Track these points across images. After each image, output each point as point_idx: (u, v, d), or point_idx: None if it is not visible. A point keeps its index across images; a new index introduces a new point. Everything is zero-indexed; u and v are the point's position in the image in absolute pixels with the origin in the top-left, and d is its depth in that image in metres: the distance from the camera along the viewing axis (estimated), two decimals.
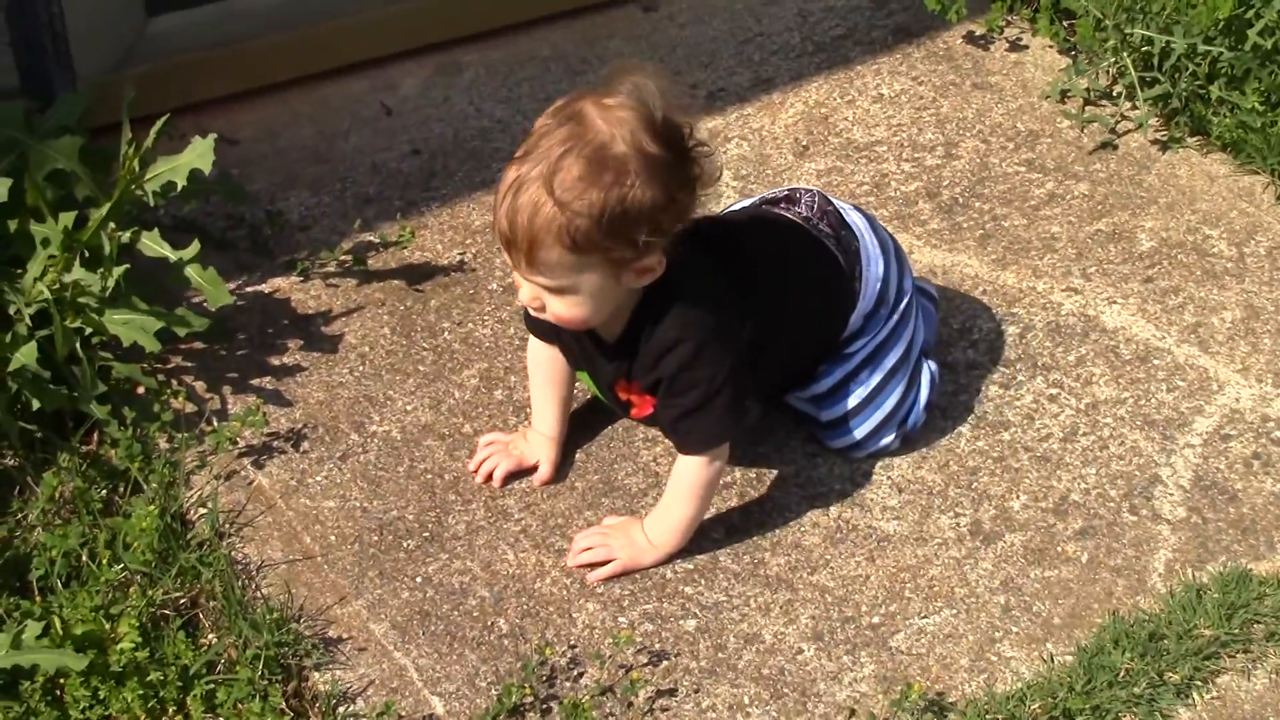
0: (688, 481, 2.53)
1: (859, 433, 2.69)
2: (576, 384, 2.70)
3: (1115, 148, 3.42)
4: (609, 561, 2.55)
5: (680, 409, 2.48)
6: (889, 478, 2.71)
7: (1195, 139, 3.43)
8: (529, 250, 2.29)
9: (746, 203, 2.83)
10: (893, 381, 2.70)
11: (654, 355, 2.45)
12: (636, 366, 2.50)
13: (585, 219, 2.26)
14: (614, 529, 2.58)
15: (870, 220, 2.73)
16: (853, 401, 2.68)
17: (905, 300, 2.71)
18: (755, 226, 2.70)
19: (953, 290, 3.04)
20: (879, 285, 2.66)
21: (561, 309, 2.37)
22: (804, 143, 3.41)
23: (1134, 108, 3.47)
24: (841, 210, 2.70)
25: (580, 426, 2.76)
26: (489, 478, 2.67)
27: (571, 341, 2.58)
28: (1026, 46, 3.70)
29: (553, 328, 2.55)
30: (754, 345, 2.49)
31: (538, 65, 3.60)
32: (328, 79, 3.52)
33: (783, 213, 2.69)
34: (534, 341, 2.67)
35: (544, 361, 2.68)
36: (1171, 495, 2.69)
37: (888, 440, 2.72)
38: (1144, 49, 3.43)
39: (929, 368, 2.77)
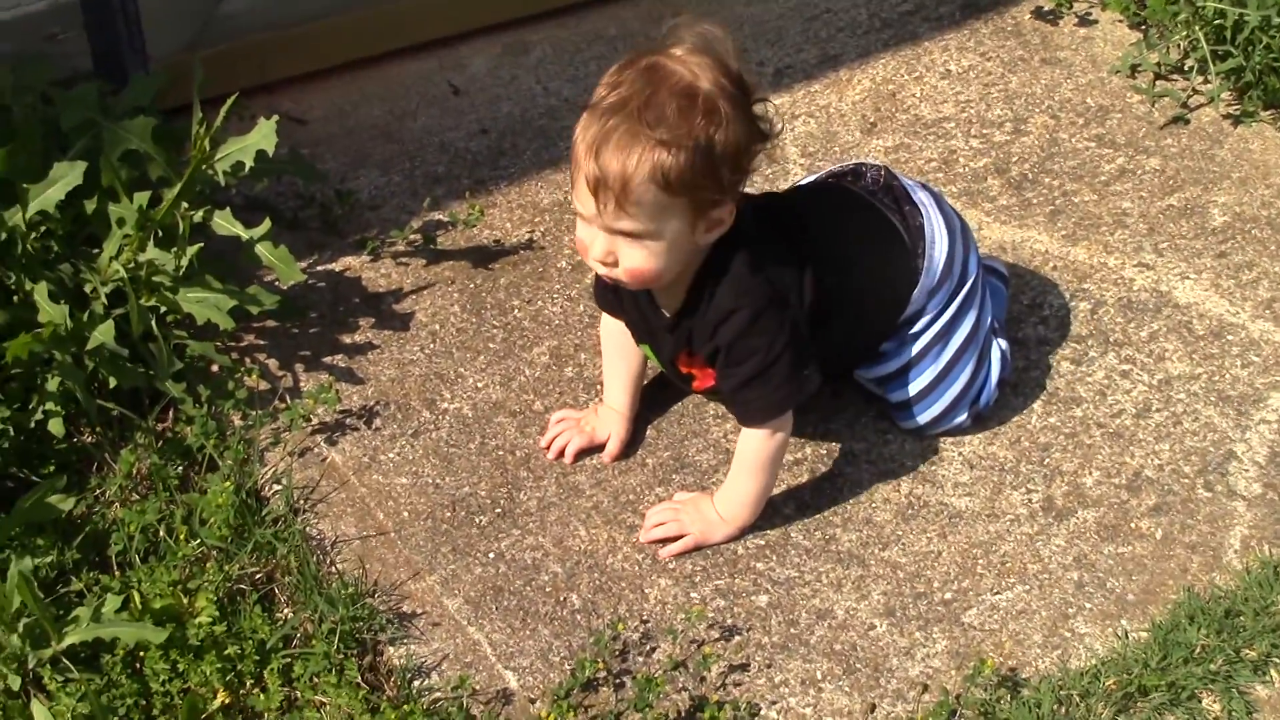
0: (752, 455, 2.53)
1: (929, 414, 2.69)
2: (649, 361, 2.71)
3: (1187, 122, 3.39)
4: (681, 537, 2.55)
5: (739, 378, 2.48)
6: (960, 454, 2.70)
7: (1269, 113, 3.40)
8: (622, 189, 2.28)
9: (812, 178, 2.82)
10: (961, 361, 2.69)
11: (712, 324, 2.46)
12: (696, 337, 2.50)
13: (682, 155, 2.27)
14: (685, 504, 2.59)
15: (937, 198, 2.71)
16: (921, 383, 2.67)
17: (971, 280, 2.69)
18: (816, 199, 2.70)
19: (1022, 266, 3.03)
20: (944, 262, 2.64)
21: (637, 260, 2.36)
22: (871, 120, 3.40)
23: (1206, 81, 3.44)
24: (908, 187, 2.69)
25: (651, 403, 2.77)
26: (560, 454, 2.68)
27: (635, 315, 2.59)
28: (1096, 21, 3.67)
29: (619, 301, 2.56)
30: (814, 317, 2.50)
31: (605, 44, 3.60)
32: (396, 59, 3.54)
33: (848, 186, 2.68)
34: (607, 316, 2.68)
35: (615, 336, 2.69)
36: (1246, 471, 2.67)
37: (960, 420, 2.71)
38: (1216, 22, 3.40)
39: (999, 345, 2.76)
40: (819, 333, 2.51)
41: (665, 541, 2.56)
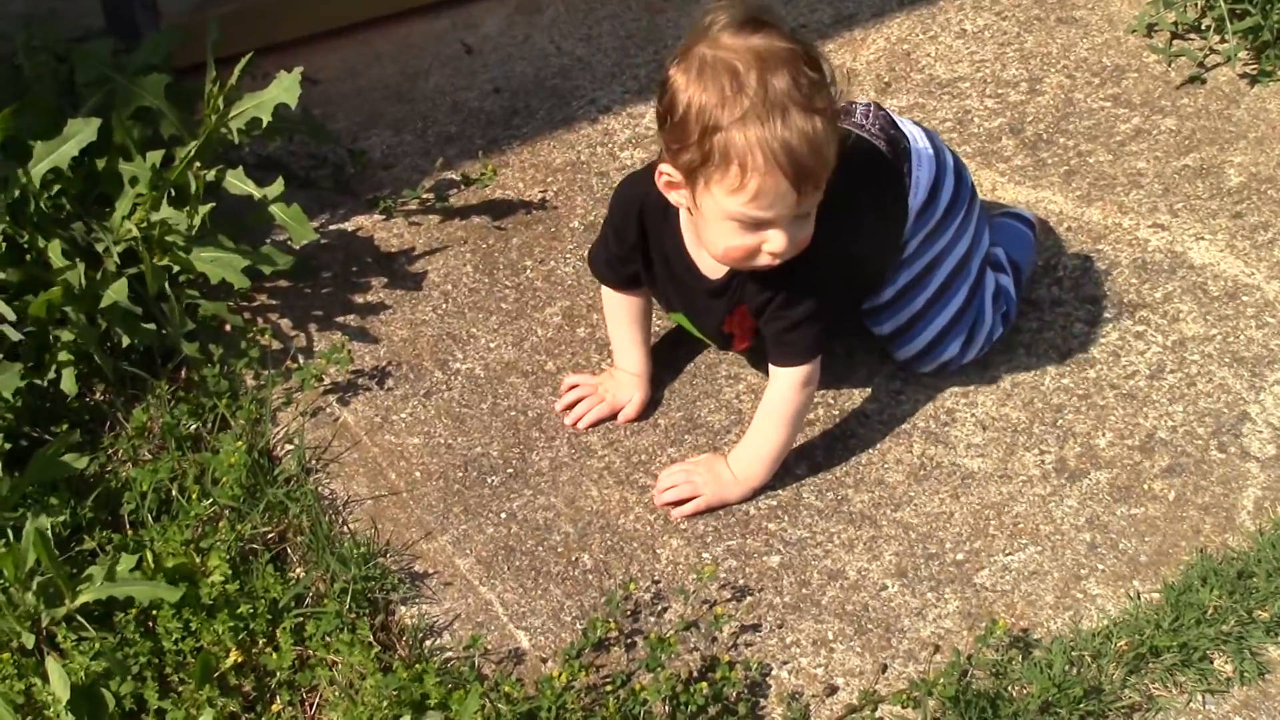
0: (781, 406, 2.53)
1: (921, 341, 2.69)
2: (656, 317, 2.71)
3: (1203, 82, 3.37)
4: (694, 498, 2.55)
5: (788, 321, 2.49)
6: (973, 415, 2.70)
7: None
8: (825, 165, 2.30)
9: None
10: (952, 288, 2.68)
11: (774, 276, 2.45)
12: (751, 291, 2.50)
13: (833, 107, 2.31)
14: (698, 465, 2.59)
15: (930, 134, 2.71)
16: (914, 308, 2.67)
17: (962, 210, 2.69)
18: None
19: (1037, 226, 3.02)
20: (929, 184, 2.64)
21: (805, 231, 2.38)
22: (886, 79, 3.38)
23: (1223, 41, 3.42)
24: (895, 117, 2.68)
25: (663, 364, 2.76)
26: (577, 421, 2.68)
27: (670, 287, 2.59)
28: None
29: (635, 278, 2.61)
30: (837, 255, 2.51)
31: (617, 3, 3.59)
32: (409, 19, 3.53)
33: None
34: (609, 291, 2.69)
35: (621, 302, 2.69)
36: (1260, 433, 2.67)
37: (952, 352, 2.70)
38: None
39: (998, 280, 2.76)
40: (839, 266, 2.53)
41: (679, 503, 2.56)
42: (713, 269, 2.52)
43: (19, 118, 2.68)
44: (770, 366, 2.55)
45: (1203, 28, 3.48)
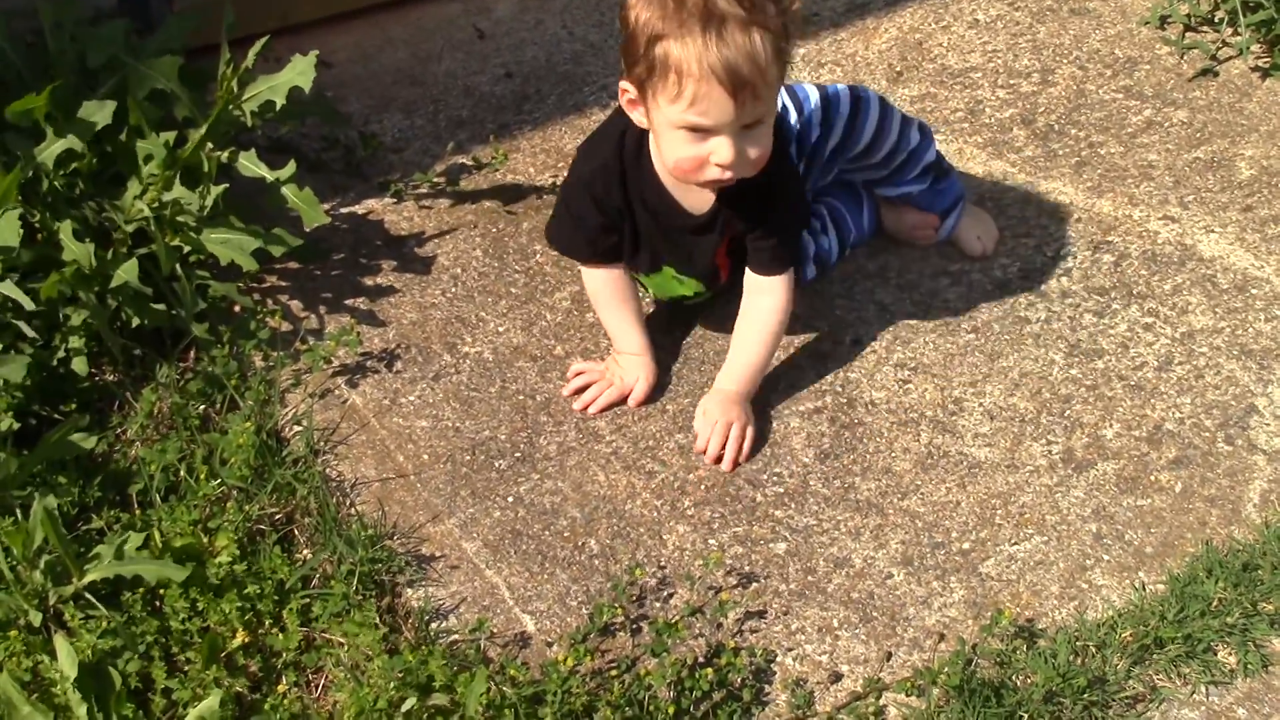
0: (771, 320, 2.66)
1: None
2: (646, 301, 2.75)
3: (1215, 74, 3.37)
4: (741, 440, 2.63)
5: (774, 231, 2.61)
6: (981, 405, 2.70)
7: None
8: (760, 76, 2.36)
9: None
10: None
11: (759, 195, 2.55)
12: (739, 217, 2.59)
13: (781, 27, 2.38)
14: (718, 409, 2.64)
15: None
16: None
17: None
18: None
19: (1047, 217, 3.02)
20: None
21: (764, 143, 2.45)
22: (898, 68, 3.38)
23: (1236, 34, 3.41)
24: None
25: (669, 351, 2.77)
26: (586, 407, 2.69)
27: (654, 241, 2.65)
28: None
29: (613, 250, 2.68)
30: None
31: None
32: (422, 2, 3.55)
33: None
34: (592, 271, 2.71)
35: (608, 284, 2.71)
36: (1268, 425, 2.66)
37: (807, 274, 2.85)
38: None
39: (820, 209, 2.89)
40: None
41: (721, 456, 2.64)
42: (696, 204, 2.60)
43: (51, 98, 2.68)
44: (757, 281, 2.65)
45: (1215, 20, 3.48)
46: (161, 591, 2.36)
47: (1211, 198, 3.07)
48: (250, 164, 2.81)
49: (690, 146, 2.43)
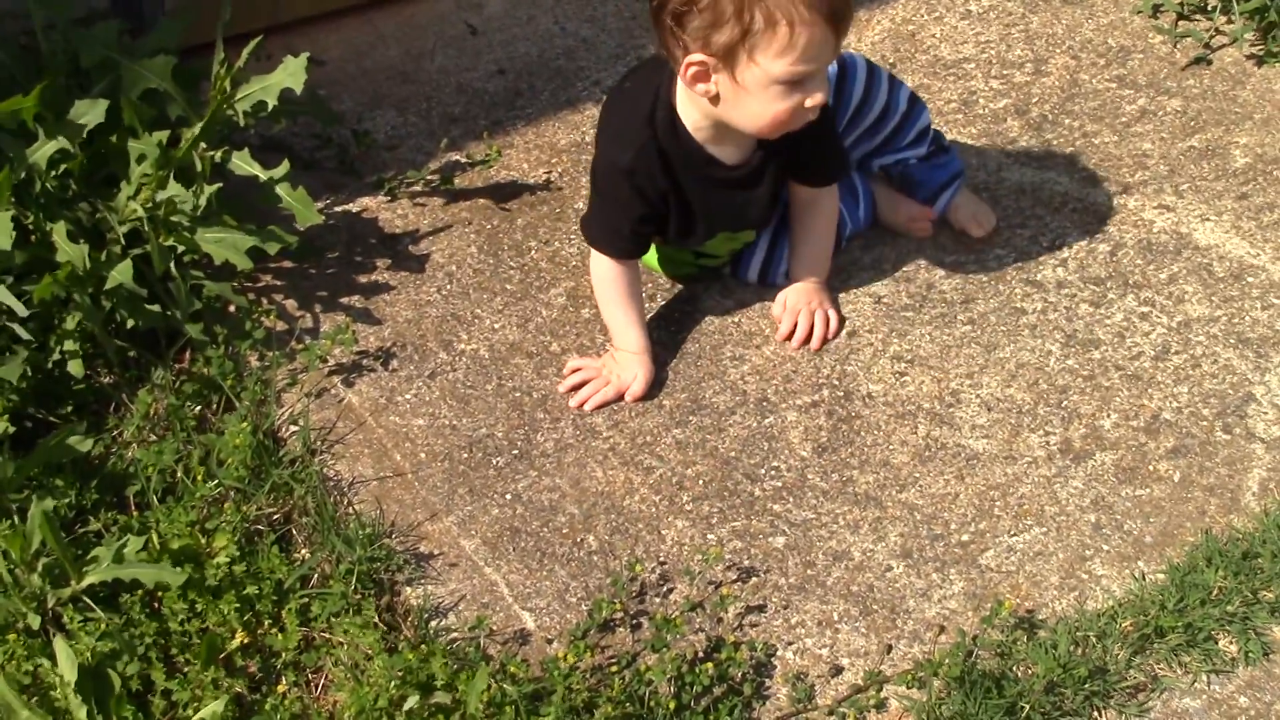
0: (829, 212, 2.81)
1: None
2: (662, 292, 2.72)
3: (1209, 63, 3.36)
4: (824, 332, 2.79)
5: (824, 152, 2.71)
6: (978, 396, 2.70)
7: None
8: (852, 8, 2.46)
9: None
10: None
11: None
12: (783, 151, 2.63)
13: None
14: (802, 296, 2.80)
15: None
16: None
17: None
18: None
19: (1042, 208, 3.02)
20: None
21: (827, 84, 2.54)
22: (891, 60, 3.37)
23: (1229, 21, 3.41)
24: None
25: (667, 346, 2.77)
26: (583, 404, 2.68)
27: (713, 204, 2.68)
28: None
29: (648, 240, 2.71)
30: None
31: None
32: None
33: None
34: (606, 264, 2.69)
35: (618, 280, 2.70)
36: (1266, 414, 2.66)
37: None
38: None
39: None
40: None
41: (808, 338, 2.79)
42: (740, 158, 2.65)
43: (40, 98, 2.67)
44: (813, 194, 2.78)
45: (1209, 8, 3.47)
46: (160, 593, 2.35)
47: (1206, 186, 3.06)
48: (244, 163, 2.80)
49: (787, 98, 2.46)
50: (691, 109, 2.57)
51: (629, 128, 2.61)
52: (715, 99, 2.50)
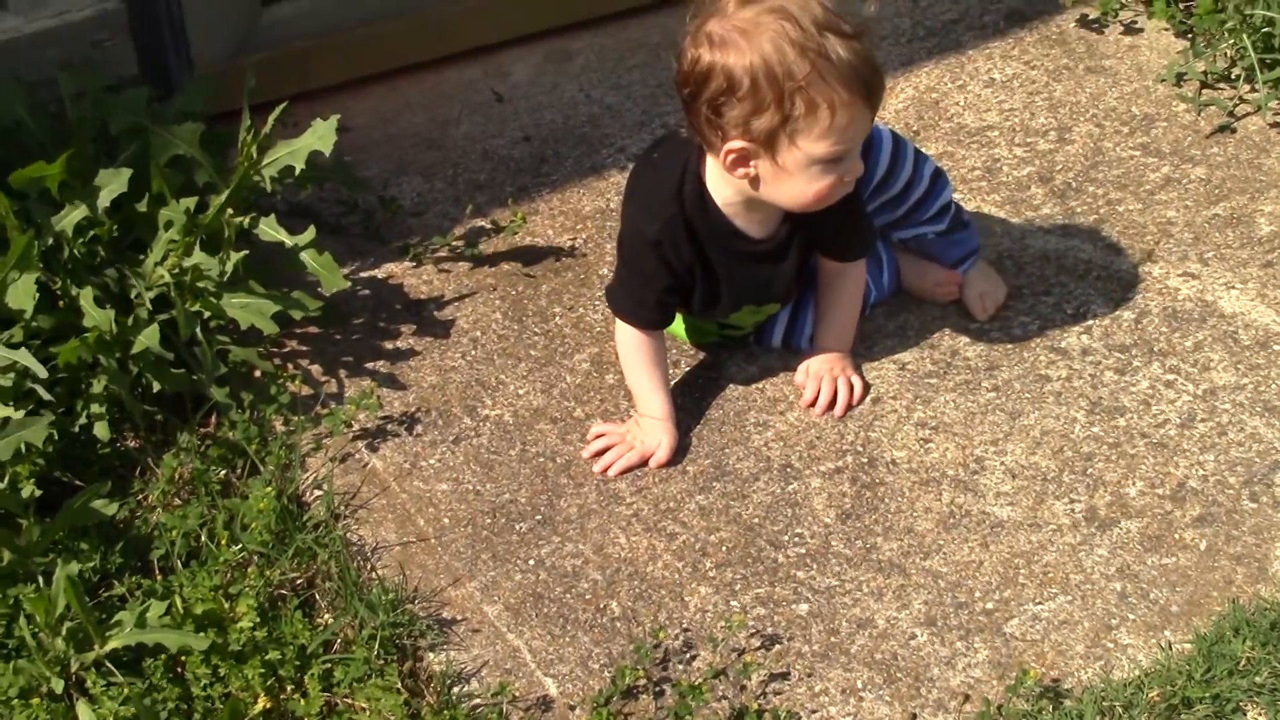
0: (855, 286, 2.82)
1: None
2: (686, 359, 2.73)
3: (1233, 131, 3.37)
4: (850, 392, 2.80)
5: (851, 227, 2.71)
6: (1002, 463, 2.69)
7: None
8: (883, 80, 2.50)
9: None
10: None
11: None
12: (810, 225, 2.64)
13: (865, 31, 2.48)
14: (825, 365, 2.81)
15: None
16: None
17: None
18: None
19: (1066, 275, 3.02)
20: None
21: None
22: (915, 128, 3.39)
23: (1253, 90, 3.42)
24: None
25: (691, 412, 2.77)
26: (606, 469, 2.68)
27: (737, 277, 2.69)
28: (1141, 29, 3.65)
29: (674, 311, 2.71)
30: None
31: (648, 52, 3.60)
32: (440, 66, 3.55)
33: None
34: (631, 333, 2.70)
35: (642, 347, 2.70)
36: None
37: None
38: (1264, 30, 3.38)
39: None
40: None
41: (832, 404, 2.79)
42: (766, 233, 2.66)
43: (67, 166, 2.70)
44: (840, 266, 2.78)
45: (1232, 77, 3.48)
46: (183, 657, 2.35)
47: (1231, 254, 3.06)
48: (270, 229, 2.82)
49: (827, 175, 2.49)
50: (723, 185, 2.59)
51: (656, 199, 2.62)
52: (755, 180, 2.52)
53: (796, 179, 2.48)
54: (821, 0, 2.43)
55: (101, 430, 2.62)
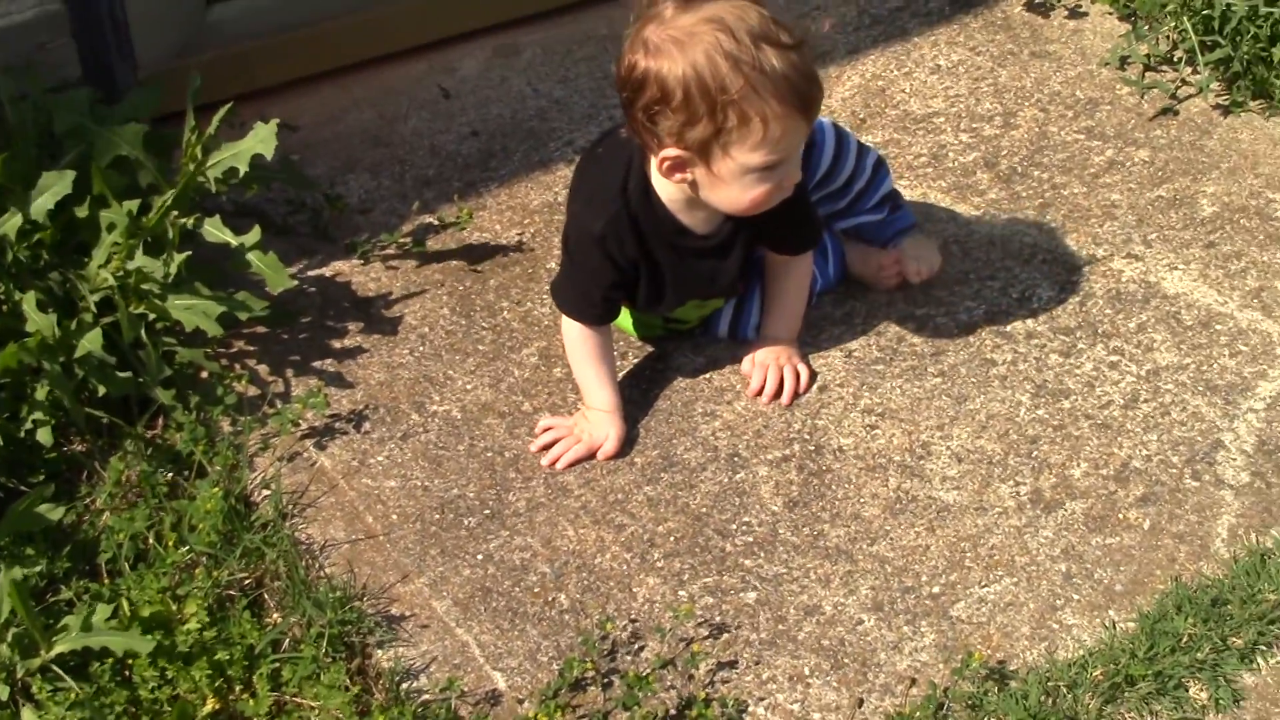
0: (803, 276, 2.83)
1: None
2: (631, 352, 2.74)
3: (1176, 113, 3.39)
4: (795, 380, 2.80)
5: (797, 222, 2.71)
6: (948, 448, 2.70)
7: (1257, 102, 3.40)
8: (821, 89, 2.49)
9: None
10: None
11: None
12: (759, 222, 2.63)
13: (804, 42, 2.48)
14: (770, 355, 2.81)
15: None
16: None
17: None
18: None
19: (1012, 259, 3.03)
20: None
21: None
22: (861, 116, 3.40)
23: (1195, 72, 3.44)
24: None
25: (638, 403, 2.78)
26: (554, 462, 2.69)
27: (680, 273, 2.69)
28: (1085, 14, 3.67)
29: (619, 306, 2.71)
30: None
31: (595, 44, 3.61)
32: (386, 63, 3.55)
33: None
34: (577, 327, 2.71)
35: (589, 341, 2.71)
36: (1234, 460, 2.67)
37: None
38: (1204, 12, 3.40)
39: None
40: None
41: (778, 392, 2.80)
42: (711, 229, 2.66)
43: (6, 168, 2.69)
44: (787, 258, 2.79)
45: (1174, 60, 3.50)
46: (130, 660, 2.35)
47: (1174, 235, 3.08)
48: (215, 230, 2.81)
49: (763, 183, 2.49)
50: (666, 183, 2.59)
51: (601, 195, 2.63)
52: (693, 185, 2.53)
53: (731, 187, 2.49)
54: (761, 9, 2.43)
55: (44, 435, 2.61)
